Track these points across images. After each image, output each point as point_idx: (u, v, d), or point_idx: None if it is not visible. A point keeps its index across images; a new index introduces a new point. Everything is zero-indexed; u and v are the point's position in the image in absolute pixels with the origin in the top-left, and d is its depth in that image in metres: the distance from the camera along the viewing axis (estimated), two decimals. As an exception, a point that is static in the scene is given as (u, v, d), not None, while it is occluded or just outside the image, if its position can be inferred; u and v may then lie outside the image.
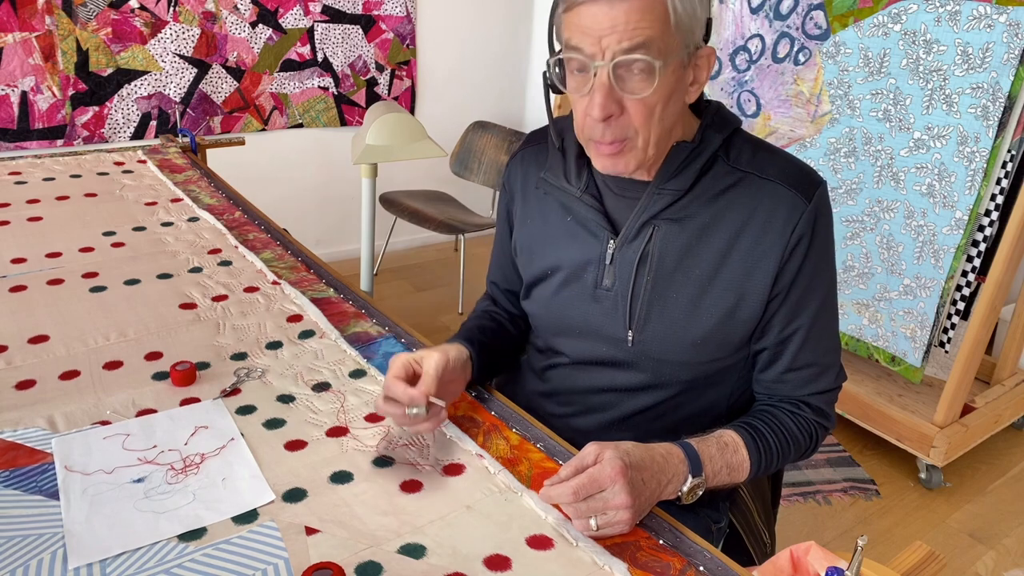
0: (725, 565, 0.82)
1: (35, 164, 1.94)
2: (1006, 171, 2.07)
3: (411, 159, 2.54)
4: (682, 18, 0.87)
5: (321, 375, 1.13)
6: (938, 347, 2.31)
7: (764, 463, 0.99)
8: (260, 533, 0.83)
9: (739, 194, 0.98)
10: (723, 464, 0.95)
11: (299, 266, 1.46)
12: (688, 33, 0.89)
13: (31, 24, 2.67)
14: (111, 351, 1.16)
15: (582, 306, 1.06)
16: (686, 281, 1.00)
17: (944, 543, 2.12)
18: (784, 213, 0.96)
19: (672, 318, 1.01)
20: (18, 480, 0.89)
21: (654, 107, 0.90)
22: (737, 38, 2.58)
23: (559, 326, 1.10)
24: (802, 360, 1.03)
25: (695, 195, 0.98)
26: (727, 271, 0.98)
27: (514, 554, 0.82)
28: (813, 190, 0.97)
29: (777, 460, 1.01)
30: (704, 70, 0.94)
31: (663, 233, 0.99)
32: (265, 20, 3.09)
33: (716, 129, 0.99)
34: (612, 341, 1.05)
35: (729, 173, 0.98)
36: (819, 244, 0.98)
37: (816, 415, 1.05)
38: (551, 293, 1.09)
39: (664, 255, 1.00)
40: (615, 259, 1.02)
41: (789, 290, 0.98)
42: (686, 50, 0.90)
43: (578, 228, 1.06)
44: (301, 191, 3.41)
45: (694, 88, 0.94)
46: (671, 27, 0.87)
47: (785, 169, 0.98)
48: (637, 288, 1.01)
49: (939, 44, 2.09)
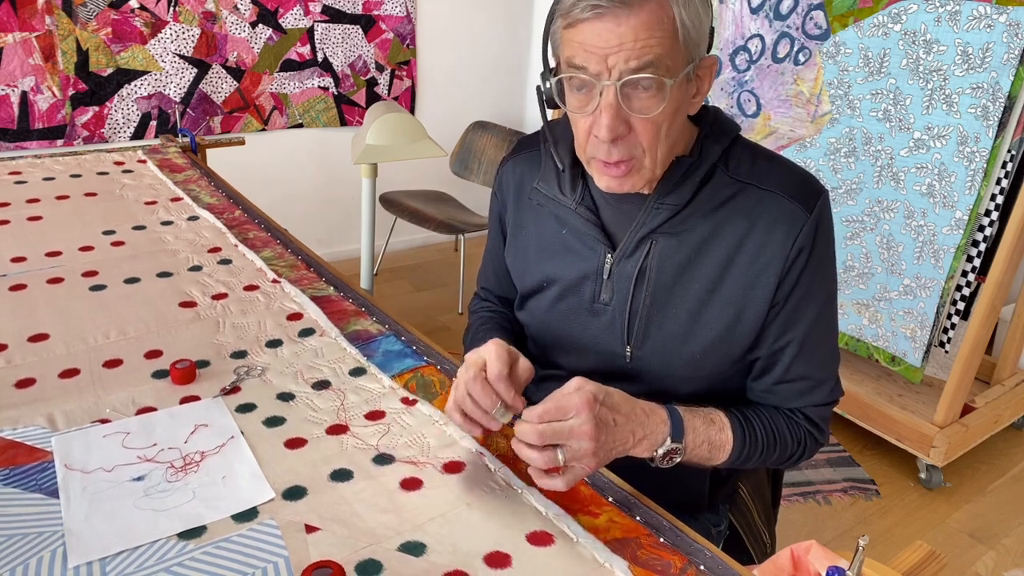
0: (726, 564, 0.82)
1: (35, 164, 1.93)
2: (1006, 171, 2.07)
3: (411, 159, 2.55)
4: (690, 31, 0.84)
5: (321, 373, 1.13)
6: (938, 347, 2.31)
7: (747, 451, 0.97)
8: (260, 531, 0.83)
9: (738, 206, 0.95)
10: (705, 439, 0.94)
11: (299, 264, 1.46)
12: (695, 46, 0.86)
13: (31, 24, 2.67)
14: (111, 349, 1.16)
15: (579, 320, 1.04)
16: (685, 296, 0.98)
17: (944, 543, 2.12)
18: (785, 226, 0.94)
19: (671, 333, 0.99)
20: (18, 478, 0.89)
21: (661, 125, 0.88)
22: (737, 38, 2.58)
23: (555, 339, 1.09)
24: (795, 372, 1.00)
25: (694, 208, 0.96)
26: (727, 285, 0.96)
27: (514, 551, 0.82)
28: (814, 201, 0.95)
29: (761, 453, 0.99)
30: (707, 80, 0.92)
31: (661, 248, 0.97)
32: (265, 20, 3.09)
33: (715, 140, 0.96)
34: (610, 356, 1.03)
35: (729, 184, 0.96)
36: (819, 255, 0.96)
37: (809, 425, 1.03)
38: (547, 306, 1.07)
39: (663, 270, 0.98)
40: (613, 274, 1.00)
41: (786, 301, 0.97)
42: (692, 63, 0.87)
43: (574, 241, 1.03)
44: (301, 191, 3.41)
45: (697, 99, 0.92)
46: (679, 42, 0.84)
47: (785, 179, 0.96)
48: (635, 304, 0.99)
49: (939, 44, 2.09)
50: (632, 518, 0.88)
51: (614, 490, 0.92)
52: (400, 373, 1.14)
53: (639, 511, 0.89)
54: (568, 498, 0.90)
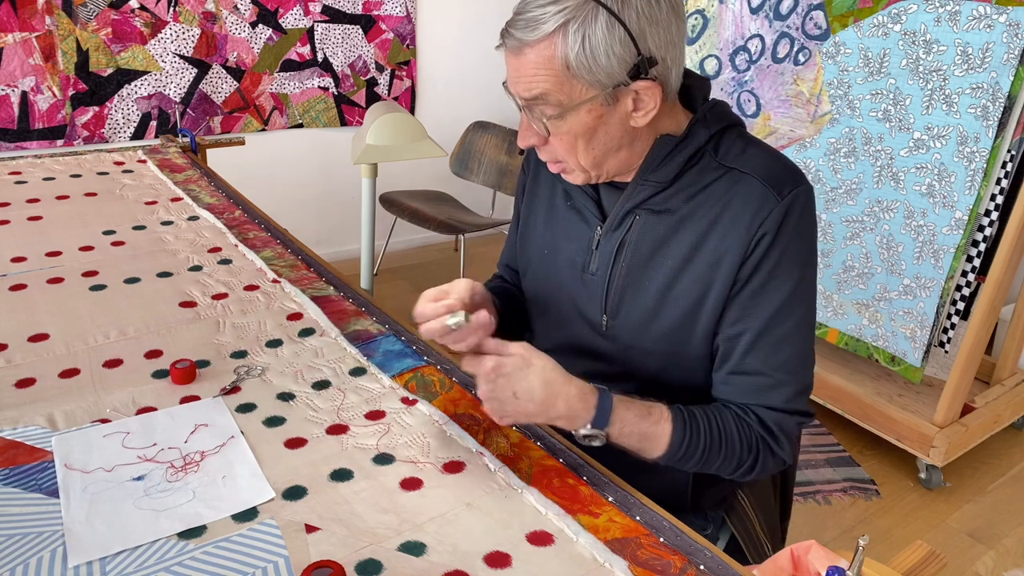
0: (726, 564, 0.82)
1: (35, 164, 1.94)
2: (1006, 171, 2.07)
3: (411, 159, 2.55)
4: (580, 67, 0.88)
5: (321, 373, 1.13)
6: (938, 347, 2.31)
7: (688, 446, 0.95)
8: (260, 531, 0.83)
9: (718, 188, 0.98)
10: (636, 430, 0.94)
11: (299, 264, 1.46)
12: (597, 79, 0.89)
13: (31, 24, 2.67)
14: (111, 349, 1.16)
15: (573, 289, 1.10)
16: (658, 271, 1.01)
17: (944, 543, 2.12)
18: (753, 208, 0.95)
19: (643, 306, 1.03)
20: (18, 478, 0.89)
21: (574, 141, 0.95)
22: (737, 38, 2.58)
23: (552, 308, 1.14)
24: (750, 365, 0.99)
25: (678, 188, 1.00)
26: (697, 262, 0.99)
27: (514, 551, 0.82)
28: (789, 189, 0.95)
29: (704, 452, 0.96)
30: (649, 100, 0.93)
31: (642, 223, 1.02)
32: (265, 20, 3.10)
33: (705, 125, 0.99)
34: (591, 325, 1.09)
35: (715, 169, 0.99)
36: (784, 245, 0.96)
37: (763, 430, 0.99)
38: (547, 272, 1.13)
39: (640, 244, 1.02)
40: (600, 245, 1.06)
41: (745, 284, 0.97)
42: (603, 91, 0.90)
43: (574, 213, 1.10)
44: (301, 191, 3.41)
45: (639, 115, 0.94)
46: (569, 77, 0.89)
47: (768, 165, 0.98)
48: (614, 275, 1.05)
49: (939, 44, 2.09)
50: (632, 518, 0.88)
51: (614, 490, 0.92)
52: (400, 373, 1.14)
53: (639, 511, 0.89)
54: (568, 498, 0.90)
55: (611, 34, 0.87)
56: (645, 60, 0.90)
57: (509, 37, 0.91)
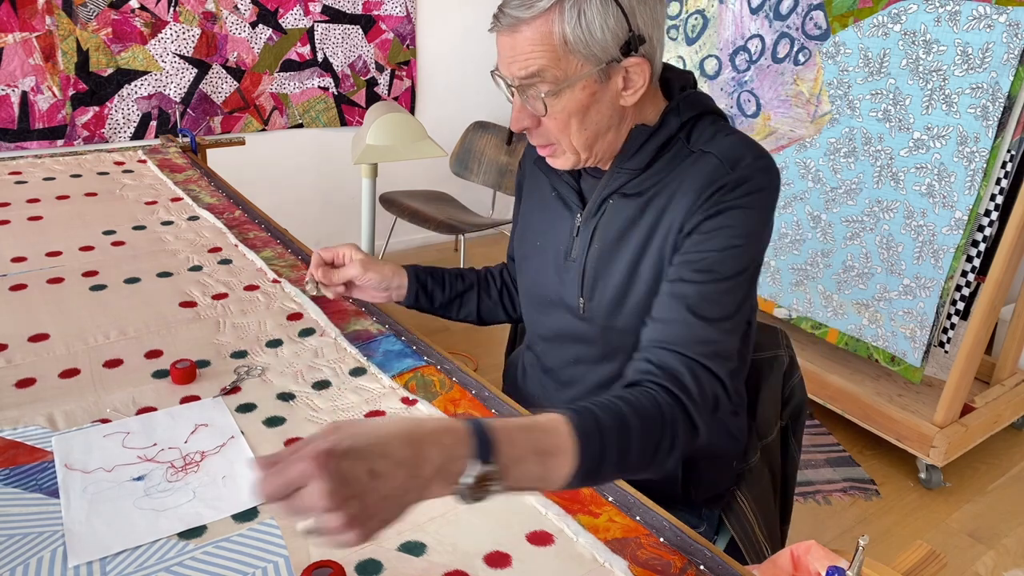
0: (726, 564, 0.82)
1: (35, 164, 1.94)
2: (1006, 171, 2.07)
3: (411, 159, 2.55)
4: (577, 42, 0.90)
5: (321, 373, 1.13)
6: (938, 347, 2.31)
7: (599, 443, 0.75)
8: (260, 531, 0.83)
9: (682, 168, 1.00)
10: (530, 448, 0.69)
11: (299, 264, 1.46)
12: (593, 53, 0.91)
13: (31, 24, 2.67)
14: (111, 349, 1.16)
15: (555, 276, 1.13)
16: (626, 249, 1.04)
17: (944, 543, 2.12)
18: (706, 178, 0.96)
19: (614, 285, 1.05)
20: (18, 478, 0.89)
21: (568, 120, 0.96)
22: (737, 38, 2.58)
23: (539, 297, 1.16)
24: (668, 313, 0.94)
25: (650, 173, 1.02)
26: (657, 236, 1.01)
27: (514, 551, 0.82)
28: (743, 163, 0.95)
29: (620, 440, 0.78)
30: (638, 78, 0.95)
31: (614, 206, 1.05)
32: (265, 20, 3.10)
33: (677, 113, 1.02)
34: (570, 310, 1.11)
35: (686, 155, 1.01)
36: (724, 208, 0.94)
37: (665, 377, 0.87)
38: (538, 264, 1.16)
39: (609, 226, 1.05)
40: (579, 232, 1.09)
41: (682, 246, 0.97)
42: (598, 66, 0.93)
43: (559, 203, 1.13)
44: (301, 191, 3.41)
45: (628, 93, 0.96)
46: (566, 53, 0.91)
47: (731, 145, 0.98)
48: (588, 258, 1.07)
49: (939, 44, 2.09)
50: (632, 518, 0.88)
51: (614, 490, 0.92)
52: (400, 373, 1.14)
53: (639, 511, 0.89)
54: (568, 498, 0.90)
55: (605, 9, 0.90)
56: (636, 37, 0.92)
57: (504, 16, 0.92)
